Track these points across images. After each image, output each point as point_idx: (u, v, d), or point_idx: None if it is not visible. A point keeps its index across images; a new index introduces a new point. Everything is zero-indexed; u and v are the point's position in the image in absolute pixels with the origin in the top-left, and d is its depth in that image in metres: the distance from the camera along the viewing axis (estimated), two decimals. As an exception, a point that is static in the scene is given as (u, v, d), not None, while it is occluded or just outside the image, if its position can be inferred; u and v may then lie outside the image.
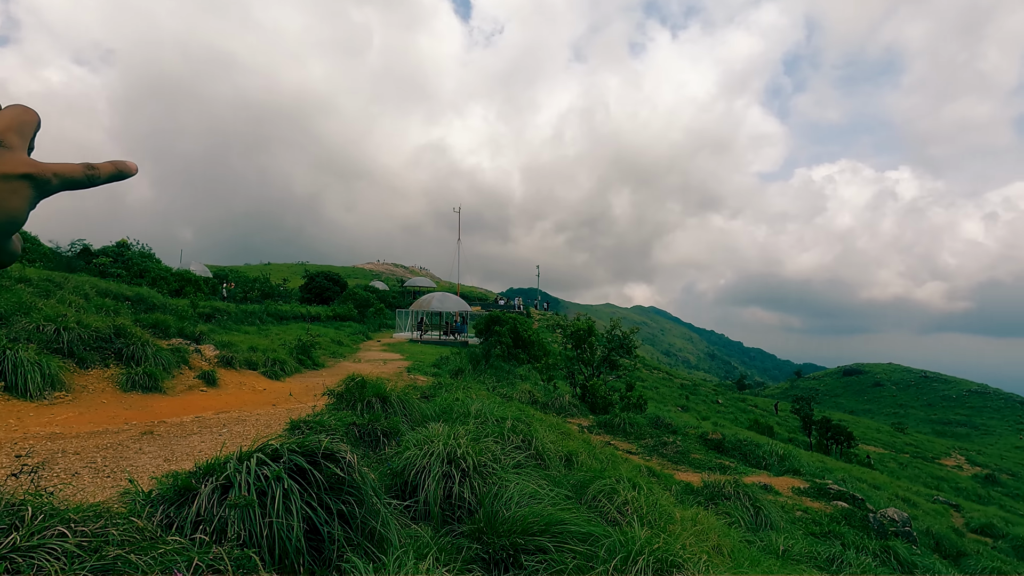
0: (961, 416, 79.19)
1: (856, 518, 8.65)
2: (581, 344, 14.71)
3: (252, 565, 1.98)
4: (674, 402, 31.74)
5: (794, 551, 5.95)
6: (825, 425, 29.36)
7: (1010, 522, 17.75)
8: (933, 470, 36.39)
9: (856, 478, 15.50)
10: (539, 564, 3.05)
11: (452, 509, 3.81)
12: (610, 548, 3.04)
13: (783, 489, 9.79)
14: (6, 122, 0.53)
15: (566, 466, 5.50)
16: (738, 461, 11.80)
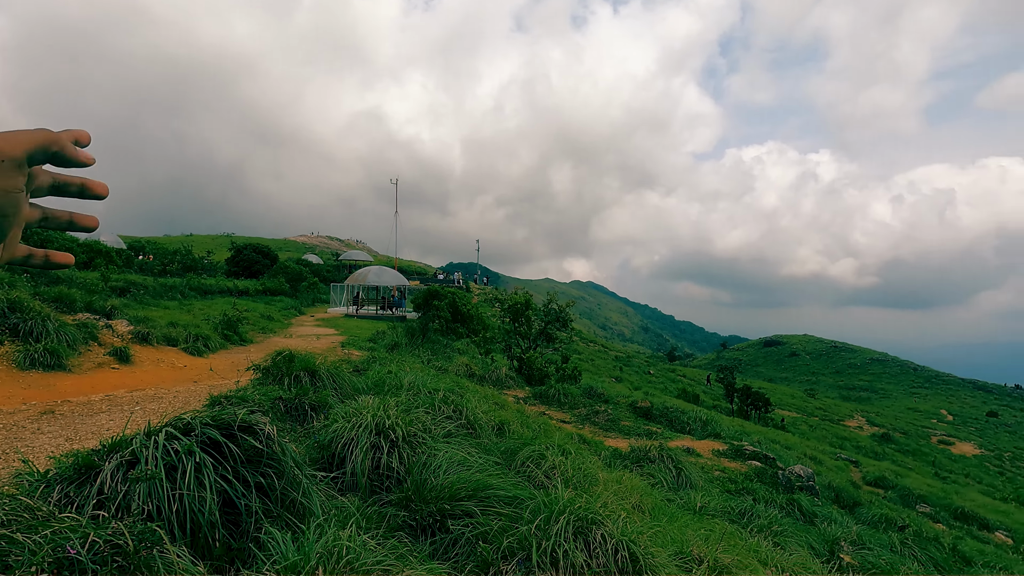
0: (864, 382, 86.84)
1: (767, 475, 9.36)
2: (519, 318, 14.88)
3: (156, 539, 1.90)
4: (609, 373, 32.86)
5: (710, 507, 6.38)
6: (746, 392, 31.39)
7: (899, 474, 19.81)
8: (838, 431, 39.85)
9: (771, 440, 16.72)
10: (465, 528, 3.11)
11: (381, 479, 3.80)
12: (534, 509, 3.14)
13: (704, 451, 10.43)
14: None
15: (498, 435, 5.60)
16: (665, 427, 12.44)
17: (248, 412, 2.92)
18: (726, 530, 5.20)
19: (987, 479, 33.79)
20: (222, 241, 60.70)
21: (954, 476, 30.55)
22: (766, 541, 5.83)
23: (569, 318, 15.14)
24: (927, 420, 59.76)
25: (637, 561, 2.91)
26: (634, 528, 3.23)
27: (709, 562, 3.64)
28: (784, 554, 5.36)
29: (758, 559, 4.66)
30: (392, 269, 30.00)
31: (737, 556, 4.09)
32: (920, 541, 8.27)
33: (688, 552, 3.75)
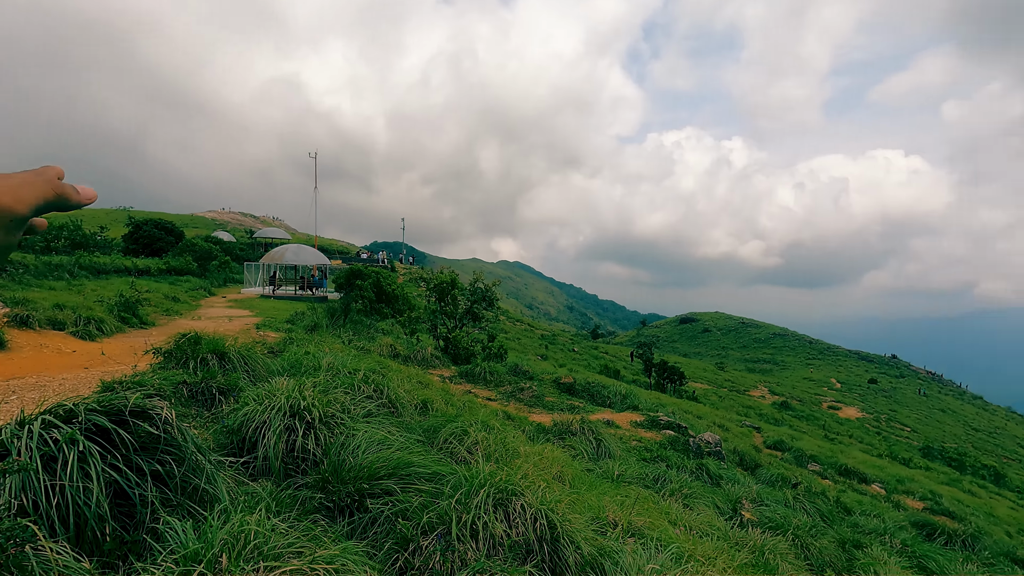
0: (767, 355, 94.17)
1: (680, 443, 9.96)
2: (444, 297, 14.76)
3: (28, 535, 1.72)
4: (535, 351, 33.51)
5: (627, 474, 6.71)
6: (662, 367, 33.11)
7: (795, 438, 21.74)
8: (744, 400, 43.09)
9: (684, 410, 17.80)
10: (384, 506, 3.07)
11: (296, 463, 3.67)
12: (455, 484, 3.15)
13: (623, 423, 10.92)
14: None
15: (421, 414, 5.56)
16: (587, 401, 12.89)
17: (142, 396, 2.70)
18: (641, 495, 5.49)
19: (867, 439, 37.87)
20: (118, 216, 55.35)
21: (840, 437, 33.94)
22: (677, 503, 6.23)
23: (495, 297, 15.22)
24: (819, 388, 65.89)
25: (555, 528, 3.00)
26: (552, 497, 3.32)
27: (623, 525, 3.83)
28: (692, 514, 5.75)
29: (669, 519, 4.96)
30: (312, 248, 28.72)
31: (649, 518, 4.33)
32: (810, 495, 9.15)
33: (604, 517, 3.92)
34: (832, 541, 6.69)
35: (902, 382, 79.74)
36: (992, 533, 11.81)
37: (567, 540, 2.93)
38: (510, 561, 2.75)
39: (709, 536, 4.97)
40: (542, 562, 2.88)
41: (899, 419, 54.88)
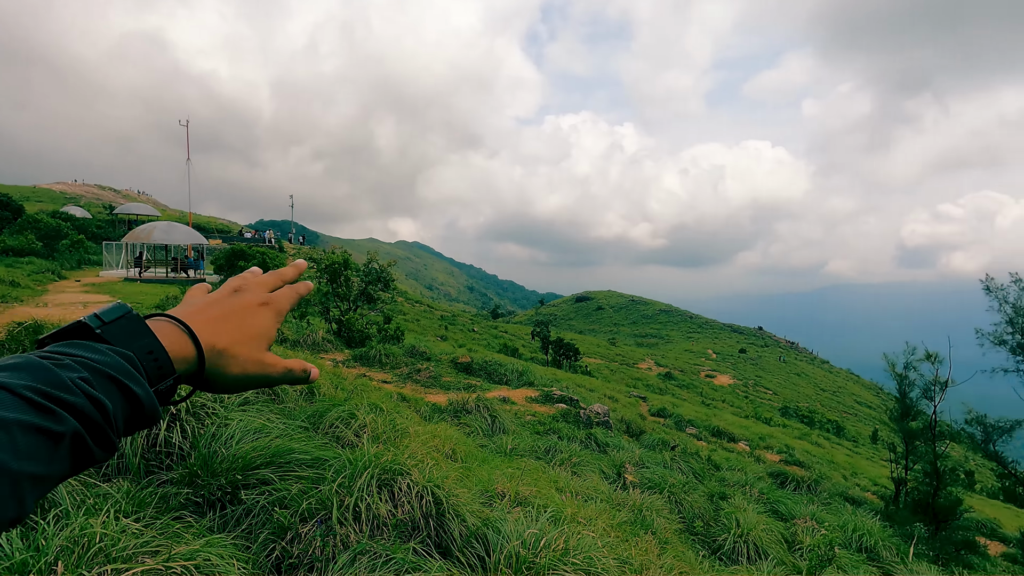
0: (654, 330, 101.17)
1: (571, 416, 10.44)
2: (336, 278, 14.17)
3: None
4: (434, 333, 33.33)
5: (520, 448, 6.94)
6: (559, 344, 34.41)
7: (676, 405, 23.68)
8: (633, 373, 46.11)
9: (578, 384, 18.67)
10: (260, 496, 2.92)
11: (160, 458, 3.37)
12: (338, 468, 3.06)
13: (519, 399, 11.23)
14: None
15: (307, 399, 5.32)
16: (484, 380, 13.08)
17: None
18: (531, 466, 5.70)
19: (737, 402, 42.19)
20: (-65, 187, 46.71)
21: (715, 402, 37.49)
22: (566, 472, 6.55)
23: (391, 278, 14.87)
24: (698, 359, 72.12)
25: (441, 503, 3.03)
26: (440, 474, 3.35)
27: (511, 495, 3.96)
28: (580, 480, 6.08)
29: (556, 487, 5.20)
30: (185, 226, 26.17)
31: (537, 488, 4.51)
32: (685, 456, 10.03)
33: (493, 490, 4.02)
34: (702, 495, 7.39)
35: (766, 351, 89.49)
36: (831, 477, 13.72)
37: (452, 514, 2.97)
38: (394, 539, 2.74)
39: (593, 499, 5.30)
40: (428, 537, 2.90)
41: (763, 384, 61.69)
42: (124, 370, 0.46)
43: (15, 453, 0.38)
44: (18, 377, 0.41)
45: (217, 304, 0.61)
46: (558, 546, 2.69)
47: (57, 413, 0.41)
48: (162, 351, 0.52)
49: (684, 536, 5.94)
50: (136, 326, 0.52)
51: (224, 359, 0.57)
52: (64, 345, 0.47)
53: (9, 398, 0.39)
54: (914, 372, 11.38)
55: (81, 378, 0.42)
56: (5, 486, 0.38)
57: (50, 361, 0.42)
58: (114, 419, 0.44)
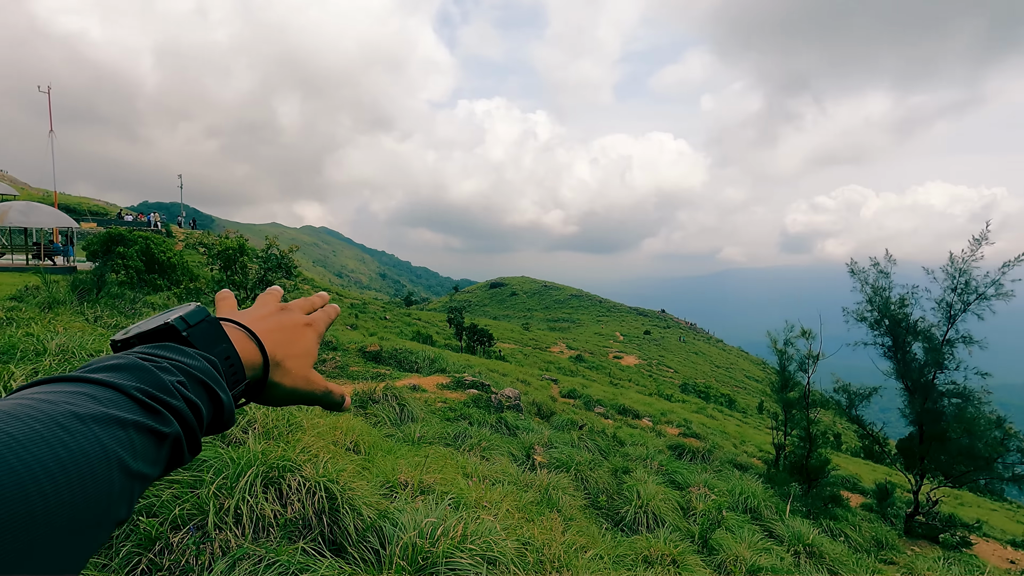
0: (565, 314, 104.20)
1: (483, 400, 10.47)
2: (232, 265, 13.15)
3: None
4: (343, 321, 32.11)
5: (428, 435, 6.83)
6: (473, 330, 34.45)
7: (585, 386, 24.55)
8: (546, 356, 47.24)
9: (491, 369, 18.79)
10: (124, 505, 2.62)
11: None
12: (218, 469, 2.82)
13: (430, 387, 11.09)
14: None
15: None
16: (394, 368, 12.79)
17: None
18: (438, 453, 5.63)
19: (641, 381, 44.61)
20: None
21: (622, 382, 39.40)
22: (475, 457, 6.54)
23: (293, 265, 14.03)
24: (607, 341, 75.31)
25: (335, 499, 2.88)
26: (337, 468, 3.19)
27: (414, 485, 3.87)
28: (489, 465, 6.10)
29: (464, 473, 5.17)
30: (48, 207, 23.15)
31: (443, 475, 4.45)
32: (592, 434, 10.42)
33: (395, 480, 3.91)
34: (607, 471, 7.70)
35: (668, 332, 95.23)
36: (723, 446, 14.86)
37: (347, 509, 2.83)
38: (282, 540, 2.57)
39: (501, 483, 5.32)
40: (320, 535, 2.74)
41: (666, 363, 65.67)
42: (212, 375, 0.48)
43: (133, 453, 0.36)
44: (126, 378, 0.40)
45: (274, 318, 0.63)
46: (456, 533, 2.64)
47: (163, 415, 0.41)
48: (237, 358, 0.54)
49: (589, 511, 6.16)
50: (216, 331, 0.53)
51: (280, 371, 0.59)
52: (157, 347, 0.48)
53: (122, 399, 0.39)
54: (792, 348, 12.53)
55: (179, 382, 0.44)
56: (124, 485, 0.35)
57: (151, 364, 0.43)
58: (203, 423, 0.46)
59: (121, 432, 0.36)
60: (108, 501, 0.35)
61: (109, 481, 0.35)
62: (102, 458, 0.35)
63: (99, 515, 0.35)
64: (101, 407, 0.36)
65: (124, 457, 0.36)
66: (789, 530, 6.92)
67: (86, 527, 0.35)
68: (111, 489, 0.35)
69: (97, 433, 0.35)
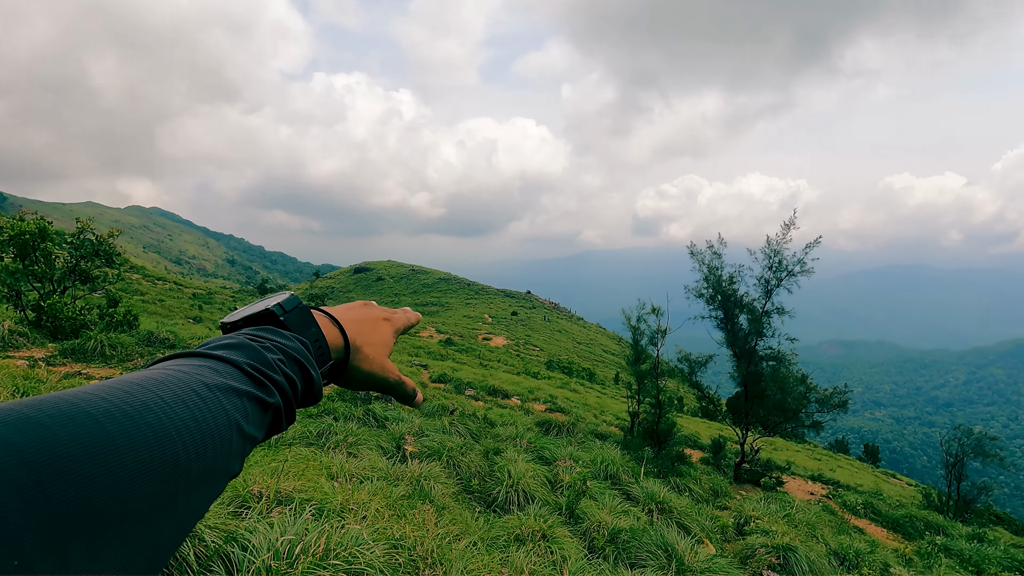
0: (434, 298, 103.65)
1: (348, 393, 9.98)
2: (31, 253, 10.93)
3: None
4: (184, 315, 28.67)
5: (288, 436, 6.33)
6: (336, 318, 32.81)
7: (456, 369, 24.66)
8: (415, 342, 46.59)
9: (357, 359, 18.00)
10: None
11: None
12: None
13: (289, 382, 10.30)
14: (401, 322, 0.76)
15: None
16: (247, 364, 11.68)
17: None
18: (298, 456, 5.23)
19: (510, 361, 46.01)
20: None
21: (491, 363, 40.27)
22: (341, 454, 6.21)
23: (114, 251, 12.04)
24: (476, 324, 76.40)
25: (169, 526, 2.50)
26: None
27: (270, 495, 3.52)
28: (356, 461, 5.80)
29: (329, 474, 4.86)
30: None
31: (304, 479, 4.12)
32: (463, 418, 10.46)
33: (247, 492, 3.52)
34: (478, 454, 7.77)
35: (534, 312, 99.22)
36: (585, 418, 15.88)
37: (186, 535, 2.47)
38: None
39: (370, 479, 5.10)
40: (151, 572, 2.36)
41: (532, 342, 68.44)
42: (304, 355, 0.53)
43: (247, 418, 0.42)
44: (240, 355, 0.46)
45: (356, 310, 0.70)
46: (319, 549, 2.42)
47: (268, 387, 0.45)
48: (324, 341, 0.60)
49: (462, 497, 6.16)
50: (307, 316, 0.60)
51: (359, 356, 0.65)
52: (260, 329, 0.54)
53: (238, 372, 0.44)
54: (644, 324, 13.69)
55: (279, 359, 0.49)
56: (239, 445, 0.42)
57: (257, 343, 0.49)
58: (298, 396, 0.52)
59: (238, 400, 0.42)
60: (228, 457, 0.41)
61: (230, 440, 0.41)
62: (225, 421, 0.41)
63: (221, 468, 0.41)
64: (223, 378, 0.42)
65: (240, 421, 0.42)
66: (644, 491, 7.57)
67: (212, 477, 0.40)
68: (231, 447, 0.41)
69: (221, 400, 0.42)
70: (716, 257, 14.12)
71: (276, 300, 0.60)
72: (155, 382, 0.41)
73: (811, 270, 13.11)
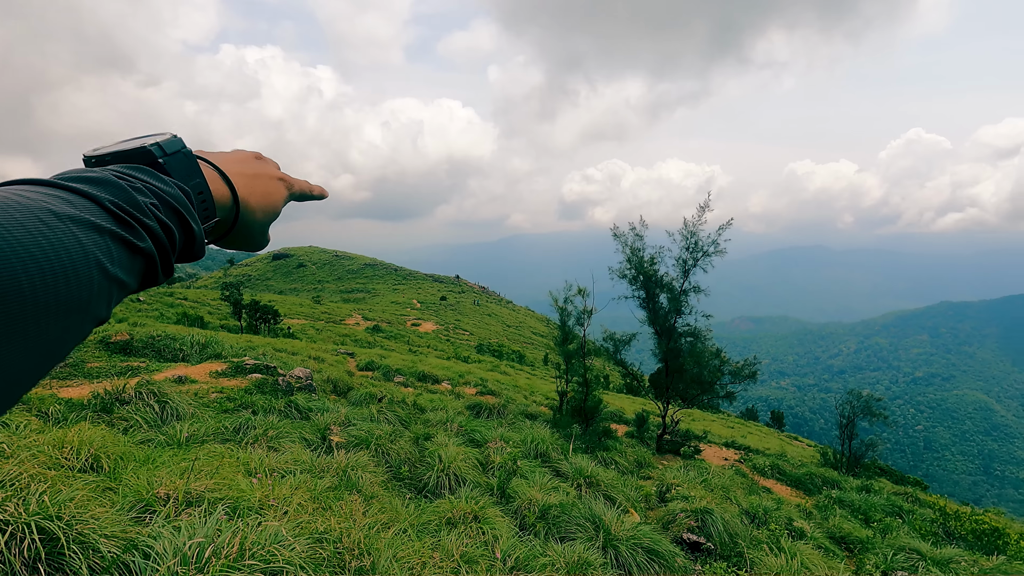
0: (360, 285, 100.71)
1: (268, 385, 9.51)
2: None
3: None
4: (78, 308, 26.12)
5: (200, 433, 5.92)
6: (254, 307, 31.11)
7: (384, 356, 24.14)
8: (340, 329, 45.16)
9: (277, 349, 17.19)
10: None
11: None
12: None
13: (201, 376, 9.66)
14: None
15: None
16: (153, 359, 10.81)
17: None
18: (213, 453, 4.91)
19: (440, 346, 45.71)
20: None
21: (421, 349, 39.81)
22: (261, 449, 5.89)
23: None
24: (404, 309, 75.14)
25: (57, 540, 2.25)
26: (60, 498, 2.49)
27: (178, 496, 3.27)
28: (277, 456, 5.53)
29: (247, 471, 4.60)
30: None
31: (218, 478, 3.87)
32: (392, 405, 10.27)
33: (152, 495, 3.25)
34: (408, 440, 7.65)
35: (463, 296, 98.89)
36: (516, 400, 16.08)
37: (76, 549, 2.23)
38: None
39: (292, 473, 4.88)
40: (36, 591, 2.12)
41: (462, 326, 68.28)
42: (184, 205, 0.48)
43: (111, 258, 0.39)
44: (102, 191, 0.42)
45: (247, 163, 0.63)
46: (232, 549, 2.27)
47: (137, 230, 0.42)
48: (210, 195, 0.55)
49: (392, 485, 6.05)
50: (192, 164, 0.54)
51: (243, 217, 0.60)
52: (132, 168, 0.48)
53: (97, 209, 0.40)
54: (571, 305, 13.98)
55: (152, 203, 0.45)
56: (103, 285, 0.38)
57: (125, 183, 0.44)
58: (176, 248, 0.48)
59: (98, 236, 0.38)
60: (89, 294, 0.37)
61: (89, 277, 0.37)
62: (81, 254, 0.37)
63: (81, 305, 0.37)
64: (78, 211, 0.38)
65: (102, 259, 0.38)
66: (572, 467, 7.78)
67: (68, 313, 0.36)
68: (91, 285, 0.37)
69: (75, 232, 0.37)
70: (638, 239, 14.63)
71: (156, 139, 0.53)
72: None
73: (724, 251, 13.89)
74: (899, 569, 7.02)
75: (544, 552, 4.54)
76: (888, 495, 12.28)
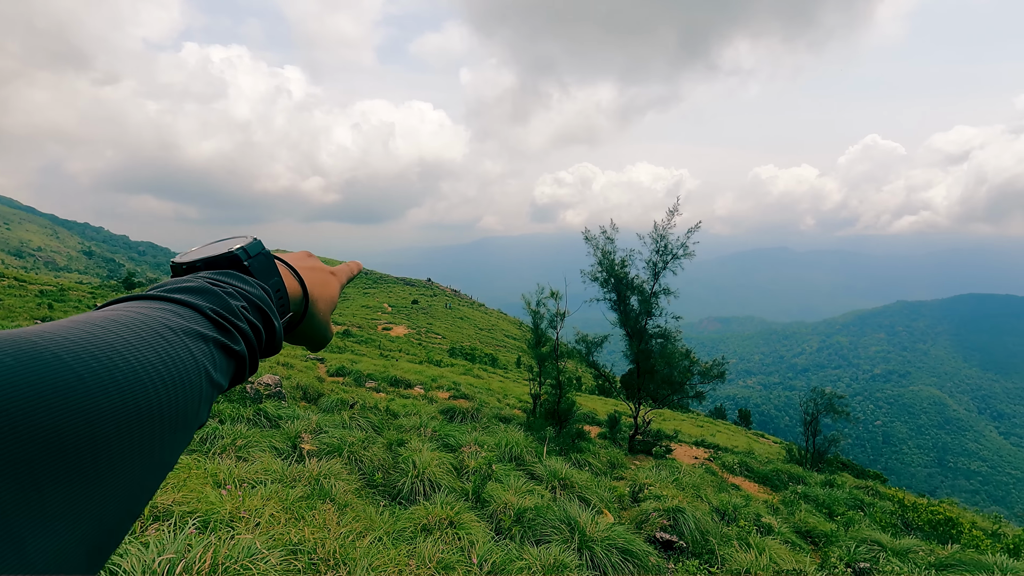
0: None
1: (236, 392, 9.28)
2: None
3: None
4: (31, 315, 24.99)
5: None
6: (220, 313, 30.32)
7: (355, 361, 23.82)
8: (310, 335, 44.32)
9: (244, 356, 16.77)
10: None
11: None
12: None
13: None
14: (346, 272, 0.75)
15: None
16: (113, 368, 10.44)
17: None
18: (179, 464, 4.77)
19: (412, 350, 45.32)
20: None
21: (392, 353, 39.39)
22: (229, 459, 5.75)
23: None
24: (375, 313, 74.27)
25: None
26: None
27: (144, 512, 3.17)
28: (247, 466, 5.41)
29: (215, 482, 4.49)
30: None
31: (185, 491, 3.76)
32: (364, 411, 10.15)
33: (117, 511, 3.15)
34: (381, 447, 7.57)
35: (435, 300, 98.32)
36: (489, 403, 16.07)
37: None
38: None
39: (263, 483, 4.78)
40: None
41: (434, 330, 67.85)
42: (267, 304, 0.50)
43: (214, 365, 0.41)
44: (202, 300, 0.43)
45: (308, 261, 0.67)
46: (203, 565, 2.22)
47: (234, 335, 0.42)
48: (285, 291, 0.57)
49: (366, 492, 5.97)
50: (270, 264, 0.57)
51: (314, 310, 0.62)
52: (222, 274, 0.50)
53: (201, 318, 0.42)
54: (543, 307, 14.06)
55: (242, 306, 0.45)
56: (208, 392, 0.40)
57: (219, 288, 0.45)
58: (261, 346, 0.49)
59: (204, 346, 0.40)
60: (198, 404, 0.39)
61: (199, 386, 0.39)
62: (193, 366, 0.40)
63: (192, 415, 0.39)
64: (187, 323, 0.40)
65: (208, 367, 0.40)
66: (547, 469, 7.82)
67: (184, 425, 0.39)
68: (200, 394, 0.39)
69: (188, 344, 0.40)
70: (609, 242, 14.81)
71: (239, 243, 0.56)
72: (116, 323, 0.39)
73: (692, 253, 14.18)
74: (862, 561, 7.26)
75: (520, 556, 4.55)
76: (850, 489, 12.71)
